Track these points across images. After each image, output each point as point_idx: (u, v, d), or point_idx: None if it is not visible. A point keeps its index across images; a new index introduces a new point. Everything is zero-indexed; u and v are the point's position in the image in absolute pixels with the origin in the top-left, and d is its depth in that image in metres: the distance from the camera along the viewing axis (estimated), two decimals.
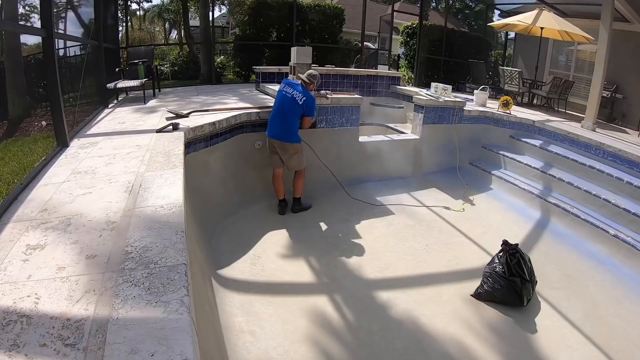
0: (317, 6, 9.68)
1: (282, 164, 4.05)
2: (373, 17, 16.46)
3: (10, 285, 1.37)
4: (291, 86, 3.96)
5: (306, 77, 4.04)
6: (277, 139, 3.94)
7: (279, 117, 3.92)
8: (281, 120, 3.91)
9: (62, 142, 3.07)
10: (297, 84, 4.00)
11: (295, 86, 3.96)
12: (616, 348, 2.65)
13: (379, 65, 11.21)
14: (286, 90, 3.94)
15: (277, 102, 3.99)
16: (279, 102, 3.95)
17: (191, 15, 17.64)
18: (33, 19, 5.85)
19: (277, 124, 3.93)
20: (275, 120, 3.95)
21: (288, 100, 3.89)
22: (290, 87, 3.94)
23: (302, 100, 3.86)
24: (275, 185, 4.14)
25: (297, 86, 3.97)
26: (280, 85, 4.07)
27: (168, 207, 1.92)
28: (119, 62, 7.00)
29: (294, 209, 4.19)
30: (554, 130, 5.32)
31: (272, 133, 3.96)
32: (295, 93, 3.88)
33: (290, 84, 4.01)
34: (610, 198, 4.14)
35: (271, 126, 3.98)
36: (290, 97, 3.88)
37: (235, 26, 14.66)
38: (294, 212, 4.18)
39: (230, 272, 3.11)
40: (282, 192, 4.15)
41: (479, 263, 3.38)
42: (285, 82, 4.08)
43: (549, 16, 6.85)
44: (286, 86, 3.98)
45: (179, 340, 1.10)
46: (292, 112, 3.89)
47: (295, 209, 4.19)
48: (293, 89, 3.91)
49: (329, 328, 2.63)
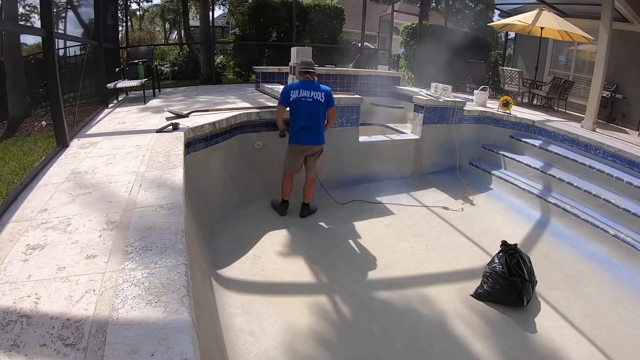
0: (317, 6, 9.69)
1: (300, 168, 4.03)
2: (373, 17, 16.46)
3: (10, 285, 1.37)
4: (305, 89, 3.81)
5: (304, 67, 3.87)
6: (311, 145, 3.90)
7: (311, 123, 3.81)
8: (313, 125, 3.83)
9: (62, 142, 3.07)
10: (307, 84, 3.84)
11: (308, 87, 3.82)
12: (616, 348, 2.65)
13: (379, 65, 11.21)
14: (304, 95, 3.78)
15: (302, 110, 3.80)
16: (305, 110, 3.79)
17: (191, 15, 17.66)
18: (33, 19, 5.85)
19: (311, 131, 3.83)
20: (307, 127, 3.82)
21: (312, 104, 3.79)
22: (306, 91, 3.79)
23: (323, 97, 3.81)
24: (285, 185, 4.07)
25: (308, 85, 3.83)
26: (292, 93, 3.83)
27: (168, 207, 1.92)
28: (119, 62, 7.00)
29: (304, 214, 4.11)
30: (554, 130, 5.32)
31: (308, 140, 3.87)
32: (315, 94, 3.79)
33: (301, 87, 3.83)
34: (610, 198, 4.14)
35: (303, 134, 3.84)
36: (312, 101, 3.78)
37: (235, 26, 14.66)
38: (303, 217, 4.10)
39: (230, 272, 3.11)
40: (289, 193, 4.11)
41: (479, 263, 3.38)
42: (294, 87, 3.87)
43: (549, 16, 6.85)
44: (301, 91, 3.80)
45: (179, 340, 1.10)
46: (320, 114, 3.85)
47: (304, 213, 4.11)
48: (310, 91, 3.79)
49: (329, 328, 2.63)
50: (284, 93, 3.90)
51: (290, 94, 3.84)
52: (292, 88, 3.89)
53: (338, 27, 9.91)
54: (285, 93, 3.88)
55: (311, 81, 3.87)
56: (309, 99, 3.80)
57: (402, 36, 10.79)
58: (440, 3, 23.45)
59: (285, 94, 3.88)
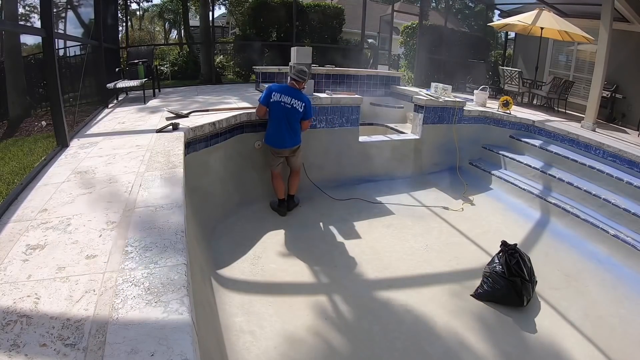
0: (317, 6, 9.69)
1: (281, 167, 4.10)
2: (373, 17, 16.45)
3: (10, 285, 1.37)
4: (286, 94, 3.85)
5: (296, 74, 3.91)
6: (287, 148, 3.98)
7: (286, 128, 3.88)
8: (288, 130, 3.90)
9: (62, 142, 3.08)
10: (290, 90, 3.88)
11: (290, 93, 3.86)
12: (616, 348, 2.65)
13: (379, 65, 11.21)
14: (284, 100, 3.83)
15: (279, 113, 3.85)
16: (283, 114, 3.84)
17: (191, 15, 17.66)
18: (33, 19, 5.86)
19: (286, 134, 3.90)
20: (281, 132, 3.88)
21: (290, 111, 3.84)
22: (286, 96, 3.84)
23: (302, 107, 3.87)
24: (276, 185, 4.13)
25: (291, 92, 3.86)
26: (273, 95, 3.85)
27: (168, 207, 1.92)
28: (119, 62, 7.00)
29: (290, 207, 4.20)
30: (554, 130, 5.32)
31: (282, 145, 3.94)
32: (294, 102, 3.83)
33: (284, 91, 3.86)
34: (610, 198, 4.14)
35: (278, 138, 3.91)
36: (291, 108, 3.84)
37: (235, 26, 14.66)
38: (289, 209, 4.19)
39: (230, 272, 3.11)
40: (282, 192, 4.15)
41: (479, 263, 3.38)
42: (276, 90, 3.88)
43: (549, 16, 6.85)
44: (282, 95, 3.84)
45: (179, 340, 1.10)
46: (296, 120, 3.91)
47: (290, 206, 4.21)
48: (291, 98, 3.84)
49: (329, 328, 2.63)
50: (266, 92, 3.92)
51: (272, 96, 3.87)
52: (274, 90, 3.90)
53: (338, 27, 9.91)
54: (267, 93, 3.91)
55: (295, 88, 3.91)
56: (287, 105, 3.85)
57: (402, 36, 10.79)
58: (440, 3, 23.46)
59: (267, 93, 3.91)
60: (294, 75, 3.92)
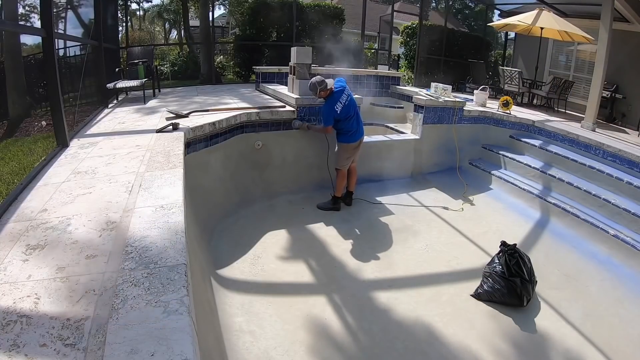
0: (317, 6, 9.67)
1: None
2: (373, 17, 16.45)
3: (10, 285, 1.37)
4: (340, 95, 4.07)
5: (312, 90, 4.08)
6: (363, 135, 4.32)
7: (358, 118, 4.24)
8: (360, 119, 4.27)
9: (62, 142, 3.08)
10: (339, 93, 4.08)
11: (341, 93, 4.08)
12: (616, 348, 2.65)
13: (379, 65, 11.21)
14: (343, 100, 4.07)
15: (349, 112, 4.09)
16: (353, 109, 4.14)
17: (191, 16, 17.66)
18: (33, 19, 5.85)
19: (360, 123, 4.27)
20: (359, 124, 4.23)
21: (352, 102, 4.16)
22: (344, 96, 4.08)
23: (353, 95, 4.25)
24: (344, 182, 4.34)
25: (340, 93, 4.08)
26: (336, 107, 4.02)
27: (168, 207, 1.92)
28: (119, 62, 7.00)
29: (350, 202, 4.47)
30: (553, 130, 5.32)
31: (362, 133, 4.29)
32: (350, 94, 4.17)
33: (338, 98, 4.06)
34: (610, 198, 4.14)
35: (358, 130, 4.22)
36: (352, 100, 4.16)
37: (235, 26, 14.66)
38: (350, 204, 4.46)
39: (230, 272, 3.11)
40: None
41: (479, 263, 3.38)
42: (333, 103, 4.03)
43: (549, 16, 6.85)
44: (340, 100, 4.06)
45: (179, 340, 1.10)
46: (358, 108, 4.34)
47: (350, 201, 4.48)
48: (347, 96, 4.10)
49: (329, 328, 2.63)
50: (328, 113, 4.06)
51: (336, 109, 4.03)
52: (332, 105, 4.03)
53: (338, 27, 9.89)
54: (329, 113, 4.06)
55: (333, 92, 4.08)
56: (348, 100, 4.11)
57: (402, 36, 10.79)
58: (440, 3, 23.47)
59: (330, 114, 4.05)
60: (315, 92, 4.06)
